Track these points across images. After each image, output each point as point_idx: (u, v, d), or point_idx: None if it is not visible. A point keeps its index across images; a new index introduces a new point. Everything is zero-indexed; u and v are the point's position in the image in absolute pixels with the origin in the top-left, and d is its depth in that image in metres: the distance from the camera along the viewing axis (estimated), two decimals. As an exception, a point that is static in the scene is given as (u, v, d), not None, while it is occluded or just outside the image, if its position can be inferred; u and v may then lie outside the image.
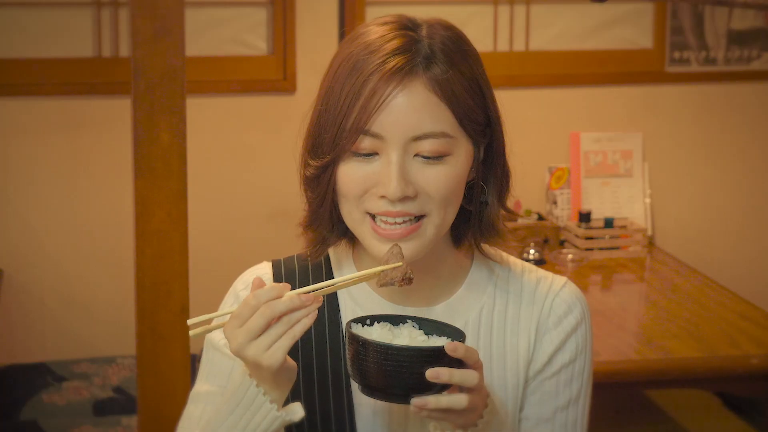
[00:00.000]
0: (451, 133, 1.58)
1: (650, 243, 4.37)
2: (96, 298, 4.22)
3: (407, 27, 1.61)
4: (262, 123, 4.27)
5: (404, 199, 1.57)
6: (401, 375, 1.49)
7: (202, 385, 1.71)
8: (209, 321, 1.58)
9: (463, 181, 1.62)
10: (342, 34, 4.22)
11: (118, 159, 4.09)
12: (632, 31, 4.46)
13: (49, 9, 4.12)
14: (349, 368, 1.53)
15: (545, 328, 1.71)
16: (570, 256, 4.06)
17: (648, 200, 4.44)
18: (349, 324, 1.55)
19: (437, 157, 1.58)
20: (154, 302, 2.61)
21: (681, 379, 3.30)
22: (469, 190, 1.65)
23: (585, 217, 4.22)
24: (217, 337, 1.72)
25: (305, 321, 1.51)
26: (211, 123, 4.21)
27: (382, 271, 1.57)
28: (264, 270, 1.76)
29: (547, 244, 4.16)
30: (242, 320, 1.51)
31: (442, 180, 1.58)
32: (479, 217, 1.67)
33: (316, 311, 1.52)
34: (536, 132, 4.36)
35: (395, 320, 1.58)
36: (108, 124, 4.14)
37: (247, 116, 4.27)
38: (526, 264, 1.77)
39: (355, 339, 1.51)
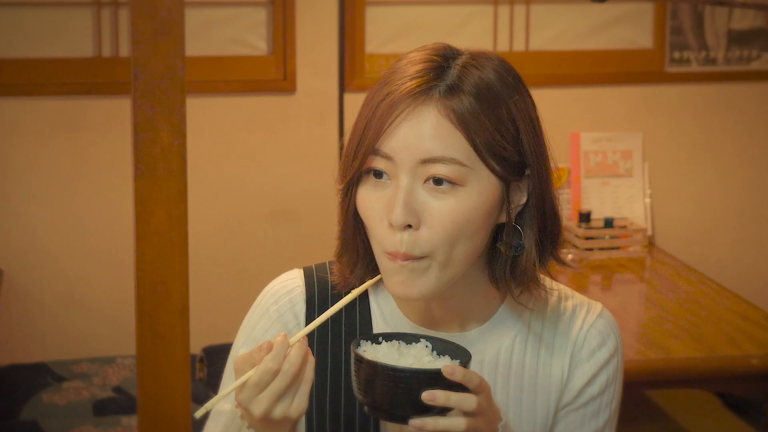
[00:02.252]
0: (465, 162, 1.54)
1: (650, 243, 4.37)
2: (96, 298, 4.22)
3: (442, 54, 1.58)
4: (262, 123, 4.27)
5: (407, 227, 1.54)
6: (399, 396, 1.48)
7: (224, 404, 1.67)
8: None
9: (480, 218, 1.56)
10: (342, 34, 4.22)
11: (118, 159, 4.09)
12: (632, 31, 4.46)
13: (49, 9, 4.12)
14: (354, 387, 1.52)
15: (578, 360, 1.68)
16: (570, 256, 4.06)
17: (648, 200, 4.44)
18: (356, 342, 1.54)
19: (449, 184, 1.54)
20: (154, 302, 2.61)
21: (681, 379, 3.30)
22: (504, 232, 1.61)
23: (585, 217, 4.22)
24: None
25: (312, 360, 1.51)
26: (211, 123, 4.21)
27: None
28: (296, 283, 1.71)
29: (547, 244, 4.16)
30: (263, 386, 1.49)
31: (449, 213, 1.54)
32: (512, 262, 1.61)
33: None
34: (536, 132, 4.35)
35: (408, 339, 1.57)
36: (108, 124, 4.14)
37: (247, 116, 4.26)
38: (562, 287, 1.73)
39: (356, 358, 1.51)
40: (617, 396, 1.71)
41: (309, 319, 1.68)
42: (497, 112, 1.56)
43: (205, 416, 1.60)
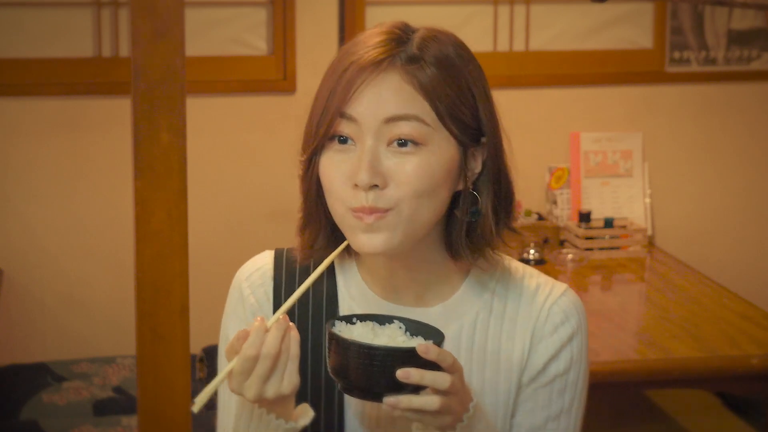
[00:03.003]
0: (427, 120, 1.59)
1: (650, 243, 4.37)
2: (96, 298, 4.22)
3: (400, 29, 1.65)
4: (262, 123, 4.27)
5: (373, 187, 1.58)
6: (374, 374, 1.50)
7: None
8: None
9: (441, 177, 1.61)
10: (342, 34, 4.22)
11: (118, 159, 4.09)
12: (632, 31, 4.46)
13: (49, 9, 4.12)
14: (329, 366, 1.54)
15: (541, 335, 1.70)
16: (570, 256, 4.06)
17: (648, 200, 4.44)
18: (331, 322, 1.56)
19: (413, 144, 1.59)
20: (154, 302, 2.61)
21: (681, 379, 3.30)
22: (461, 198, 1.65)
23: (585, 217, 4.22)
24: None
25: (295, 336, 1.54)
26: (211, 123, 4.21)
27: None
28: (265, 261, 1.78)
29: (547, 244, 4.16)
30: (248, 373, 1.53)
31: (414, 171, 1.58)
32: (468, 227, 1.66)
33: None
34: (536, 132, 4.36)
35: (381, 320, 1.59)
36: (108, 124, 4.15)
37: (247, 116, 4.27)
38: (528, 268, 1.76)
39: (332, 337, 1.53)
40: (582, 377, 1.72)
41: (276, 295, 1.72)
42: (457, 81, 1.62)
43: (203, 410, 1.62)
